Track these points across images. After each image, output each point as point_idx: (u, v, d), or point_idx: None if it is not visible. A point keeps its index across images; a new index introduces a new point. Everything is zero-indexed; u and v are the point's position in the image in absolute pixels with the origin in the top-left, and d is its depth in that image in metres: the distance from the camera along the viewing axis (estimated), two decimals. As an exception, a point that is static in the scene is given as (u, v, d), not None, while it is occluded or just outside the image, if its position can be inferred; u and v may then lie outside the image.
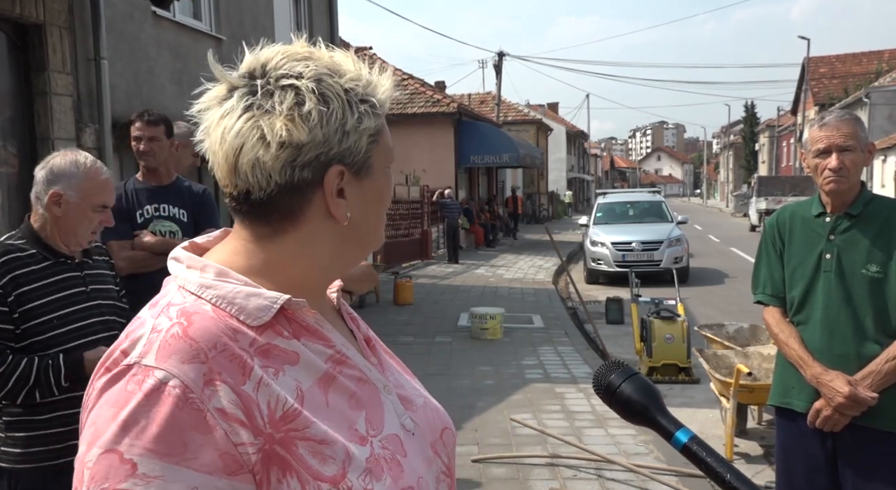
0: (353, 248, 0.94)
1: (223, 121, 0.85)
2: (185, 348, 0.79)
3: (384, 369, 0.99)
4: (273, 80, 0.85)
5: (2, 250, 2.19)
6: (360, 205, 0.90)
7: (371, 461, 0.84)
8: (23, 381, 2.10)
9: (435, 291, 12.79)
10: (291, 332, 0.87)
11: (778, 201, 24.84)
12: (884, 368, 2.33)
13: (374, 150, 0.89)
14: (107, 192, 2.30)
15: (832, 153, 2.40)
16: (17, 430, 2.19)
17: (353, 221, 0.89)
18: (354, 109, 0.86)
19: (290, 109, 0.83)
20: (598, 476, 4.48)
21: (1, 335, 2.12)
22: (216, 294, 0.85)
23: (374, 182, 0.91)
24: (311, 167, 0.84)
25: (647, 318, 7.00)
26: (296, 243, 0.89)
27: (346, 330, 0.99)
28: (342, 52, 0.92)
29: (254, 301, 0.84)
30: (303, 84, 0.84)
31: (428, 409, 1.00)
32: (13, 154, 6.15)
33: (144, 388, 0.77)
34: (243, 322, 0.83)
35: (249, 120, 0.83)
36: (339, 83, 0.86)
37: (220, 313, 0.83)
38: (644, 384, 1.02)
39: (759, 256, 2.68)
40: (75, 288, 2.26)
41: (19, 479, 2.20)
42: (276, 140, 0.82)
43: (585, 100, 55.50)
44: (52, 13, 6.26)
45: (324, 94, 0.85)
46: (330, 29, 12.58)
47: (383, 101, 0.90)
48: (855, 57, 39.45)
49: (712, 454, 0.95)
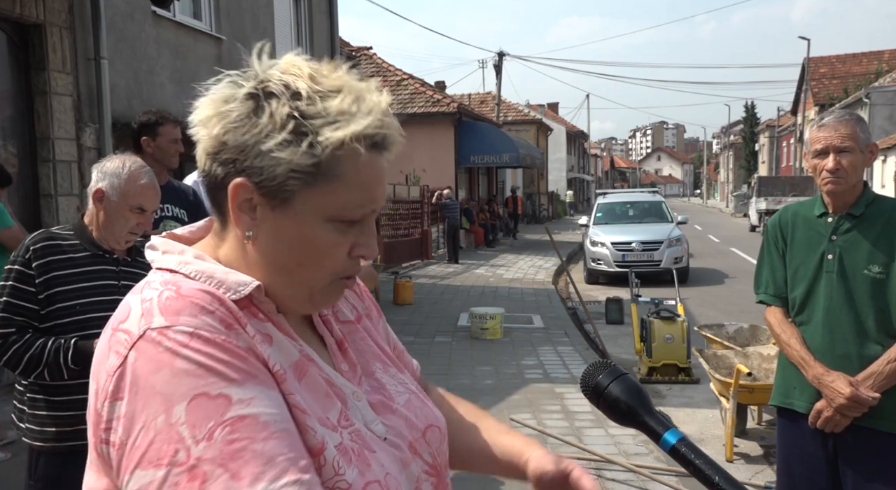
0: (276, 279, 0.89)
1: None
2: (187, 305, 0.81)
3: (357, 374, 0.98)
4: (260, 80, 0.87)
5: (45, 235, 2.34)
6: (273, 236, 0.87)
7: (341, 448, 0.84)
8: (35, 361, 2.21)
9: (435, 291, 12.79)
10: (264, 318, 0.89)
11: (778, 201, 24.84)
12: (885, 369, 2.32)
13: (300, 190, 0.84)
14: (145, 195, 2.40)
15: (829, 154, 2.40)
16: (37, 408, 2.31)
17: (260, 247, 0.88)
18: (279, 135, 0.83)
19: (229, 108, 0.85)
20: (598, 476, 4.48)
21: (26, 314, 2.25)
22: (195, 269, 0.87)
23: (295, 221, 0.85)
24: (225, 166, 0.86)
25: (646, 318, 6.99)
26: (235, 242, 0.91)
27: (314, 337, 0.98)
28: (370, 90, 0.88)
29: (231, 277, 0.86)
30: (260, 92, 0.85)
31: (412, 407, 0.99)
32: (13, 153, 6.14)
33: (177, 342, 0.78)
34: (222, 298, 0.84)
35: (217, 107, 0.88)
36: (294, 106, 0.84)
37: (202, 284, 0.85)
38: (632, 385, 1.01)
39: (762, 256, 2.68)
40: (106, 280, 2.36)
41: (39, 458, 2.32)
42: (209, 129, 0.86)
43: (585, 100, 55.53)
44: (52, 13, 6.25)
45: (262, 108, 0.84)
46: (330, 29, 12.57)
47: (329, 141, 0.83)
48: (855, 57, 39.43)
49: (701, 456, 0.94)
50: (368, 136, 0.85)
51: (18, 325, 2.24)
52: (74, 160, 6.47)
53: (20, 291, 2.25)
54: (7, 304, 2.24)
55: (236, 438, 0.74)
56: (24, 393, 2.35)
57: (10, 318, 2.24)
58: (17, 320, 2.24)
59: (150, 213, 2.43)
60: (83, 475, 0.87)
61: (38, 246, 2.30)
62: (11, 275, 2.27)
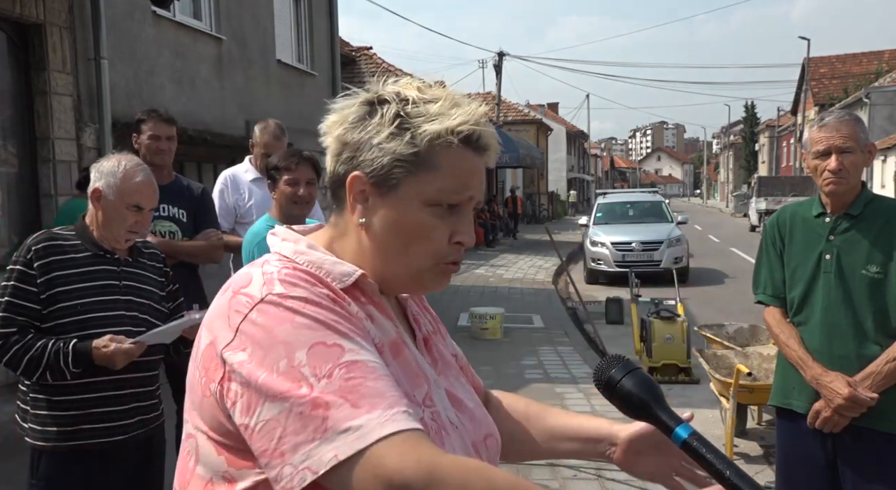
0: (387, 262, 1.01)
1: None
2: (303, 279, 0.95)
3: (439, 368, 1.09)
4: (381, 93, 1.02)
5: (46, 236, 2.35)
6: (383, 221, 1.00)
7: (422, 422, 0.93)
8: (35, 362, 2.22)
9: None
10: (369, 302, 1.01)
11: (778, 201, 24.83)
12: (884, 369, 2.32)
13: (405, 178, 0.98)
14: (141, 193, 2.39)
15: (831, 155, 2.40)
16: (40, 408, 2.31)
17: (372, 232, 1.01)
18: (387, 129, 0.98)
19: (349, 112, 1.01)
20: (598, 476, 4.48)
21: (28, 314, 2.26)
22: (307, 259, 1.00)
23: (400, 206, 0.99)
24: (345, 164, 1.01)
25: (646, 318, 7.00)
26: (352, 238, 1.03)
27: (407, 328, 1.10)
28: (469, 101, 1.02)
29: (338, 268, 0.99)
30: (375, 99, 1.00)
31: (476, 415, 1.10)
32: (13, 153, 6.15)
33: (295, 304, 0.91)
34: (329, 284, 0.97)
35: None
36: (401, 108, 0.98)
37: (312, 271, 0.98)
38: (645, 379, 1.03)
39: (760, 256, 2.68)
40: (107, 280, 2.36)
41: (41, 458, 2.32)
42: (332, 131, 1.02)
43: (585, 100, 55.48)
44: (52, 13, 6.25)
45: (375, 111, 0.99)
46: (330, 29, 12.58)
47: (429, 133, 0.97)
48: (855, 57, 39.44)
49: (712, 450, 0.95)
50: (461, 132, 0.98)
51: (20, 325, 2.24)
52: (74, 160, 6.47)
53: (22, 291, 2.25)
54: (9, 303, 2.25)
55: (352, 377, 0.86)
56: (27, 393, 2.36)
57: (11, 318, 2.24)
58: (19, 320, 2.25)
59: (148, 211, 2.42)
60: (84, 474, 0.90)
61: (39, 246, 2.30)
62: (13, 275, 2.27)
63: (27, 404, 2.35)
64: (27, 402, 2.35)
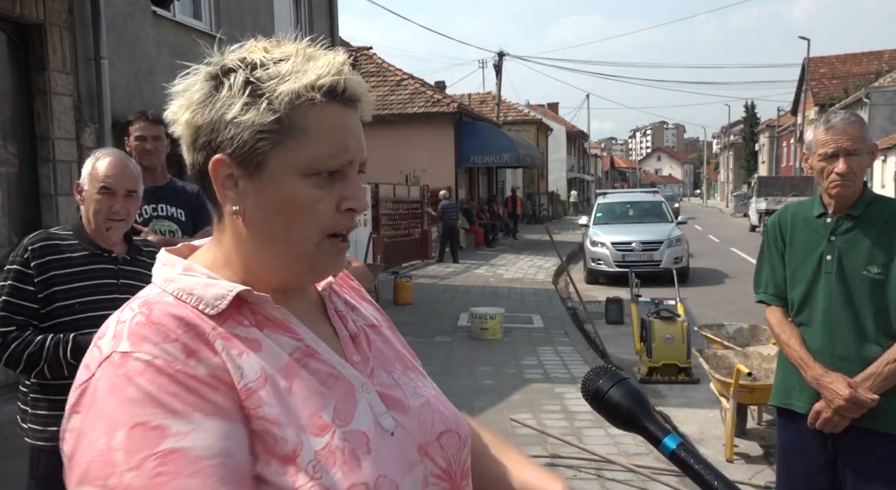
0: (265, 253, 0.91)
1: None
2: (154, 331, 0.83)
3: (369, 367, 0.98)
4: (222, 65, 0.90)
5: (43, 236, 2.36)
6: (257, 205, 0.89)
7: (322, 453, 0.84)
8: (35, 357, 2.22)
9: (435, 291, 12.79)
10: (254, 322, 0.90)
11: (778, 201, 24.84)
12: (885, 370, 2.32)
13: (271, 150, 0.87)
14: (109, 176, 2.36)
15: (840, 157, 2.38)
16: (39, 408, 2.32)
17: (249, 219, 0.90)
18: (239, 100, 0.86)
19: (193, 92, 0.89)
20: (598, 476, 4.48)
21: (26, 313, 2.27)
22: (177, 286, 0.89)
23: (273, 183, 0.87)
24: (203, 150, 0.89)
25: (646, 318, 6.99)
26: (231, 234, 0.92)
27: (326, 326, 1.00)
28: (324, 53, 0.90)
29: (210, 290, 0.88)
30: (218, 71, 0.89)
31: (427, 411, 0.99)
32: (13, 153, 6.15)
33: (133, 370, 0.80)
34: (202, 311, 0.87)
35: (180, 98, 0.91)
36: (250, 74, 0.87)
37: (180, 303, 0.88)
38: (632, 390, 1.02)
39: (761, 256, 2.67)
40: (105, 279, 2.36)
41: (40, 458, 2.33)
42: (179, 118, 0.90)
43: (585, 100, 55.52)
44: (52, 13, 6.25)
45: (222, 84, 0.88)
46: (330, 29, 12.58)
47: (286, 93, 0.85)
48: (855, 57, 39.43)
49: (700, 461, 0.94)
50: (322, 86, 0.87)
51: (18, 323, 2.25)
52: (74, 160, 6.47)
53: (20, 290, 2.26)
54: (7, 302, 2.25)
55: (162, 472, 0.76)
56: (27, 394, 2.36)
57: (10, 317, 2.25)
58: (18, 319, 2.25)
59: (123, 196, 2.37)
60: None
61: (36, 246, 2.30)
62: (10, 274, 2.28)
63: (27, 405, 2.35)
64: (27, 403, 2.35)
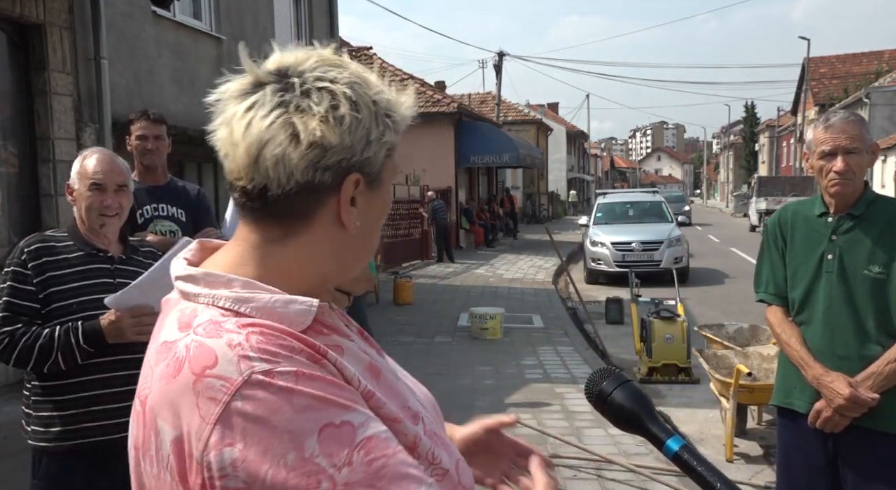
0: (352, 258, 0.93)
1: (249, 113, 0.84)
2: (279, 347, 0.80)
3: (384, 359, 1.03)
4: (311, 80, 0.86)
5: (38, 238, 2.37)
6: (367, 216, 0.90)
7: (428, 434, 0.89)
8: (46, 348, 2.23)
9: (435, 291, 12.79)
10: (329, 329, 0.90)
11: (778, 201, 24.84)
12: (885, 370, 2.32)
13: (387, 164, 0.91)
14: (98, 172, 2.38)
15: (838, 156, 2.38)
16: (41, 409, 2.32)
17: (358, 231, 0.89)
18: (380, 122, 0.88)
19: (327, 111, 0.84)
20: (598, 476, 4.48)
21: (29, 312, 2.29)
22: (254, 306, 0.83)
23: (382, 195, 0.92)
24: (332, 171, 0.85)
25: (646, 318, 7.00)
26: (305, 248, 0.88)
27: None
28: (364, 67, 0.93)
29: (292, 307, 0.84)
30: (338, 88, 0.85)
31: (418, 389, 1.04)
32: (13, 153, 6.15)
33: (287, 383, 0.77)
34: (296, 335, 0.83)
35: (282, 116, 0.83)
36: (368, 94, 0.88)
37: (274, 323, 0.83)
38: (636, 392, 1.03)
39: (762, 255, 2.67)
40: (101, 278, 2.36)
41: (42, 458, 2.32)
42: (307, 139, 0.83)
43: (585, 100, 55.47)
44: (52, 13, 6.25)
45: (356, 102, 0.86)
46: (330, 29, 12.58)
47: (404, 118, 0.92)
48: (855, 57, 39.42)
49: (703, 463, 0.95)
50: (414, 115, 0.94)
51: (23, 322, 2.26)
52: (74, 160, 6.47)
53: (20, 291, 2.27)
54: (8, 303, 2.26)
55: (373, 458, 0.77)
56: (29, 396, 2.37)
57: (13, 317, 2.26)
58: (22, 319, 2.26)
59: (113, 190, 2.37)
60: (86, 473, 0.87)
61: (31, 248, 2.32)
62: (9, 276, 2.28)
63: (30, 407, 2.35)
64: (30, 406, 2.36)
